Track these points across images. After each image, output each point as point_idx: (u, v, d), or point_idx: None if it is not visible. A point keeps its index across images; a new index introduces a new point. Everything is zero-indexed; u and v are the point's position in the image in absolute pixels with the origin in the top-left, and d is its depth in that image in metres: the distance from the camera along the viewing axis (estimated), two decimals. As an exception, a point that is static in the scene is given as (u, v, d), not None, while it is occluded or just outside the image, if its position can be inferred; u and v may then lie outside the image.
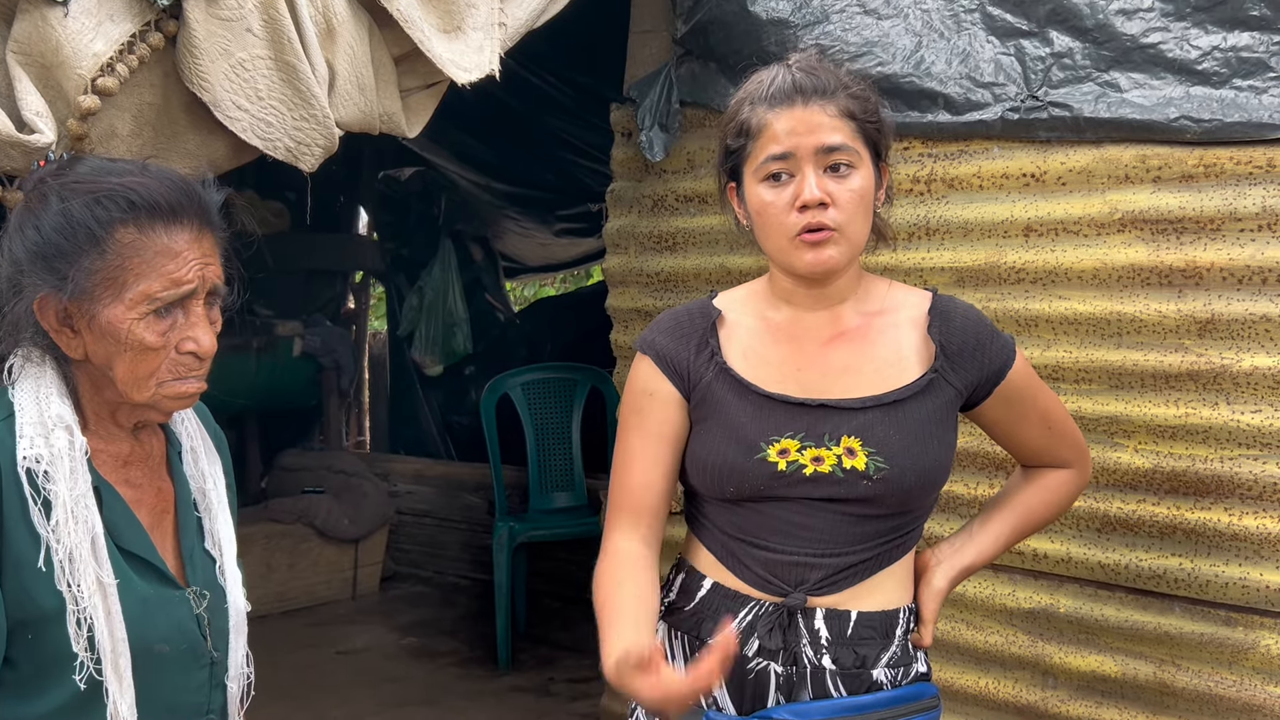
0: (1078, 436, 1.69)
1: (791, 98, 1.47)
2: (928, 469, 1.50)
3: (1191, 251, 2.10)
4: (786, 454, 1.49)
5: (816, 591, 1.50)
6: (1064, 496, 1.69)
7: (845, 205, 1.46)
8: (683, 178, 2.86)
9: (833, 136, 1.46)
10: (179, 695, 1.36)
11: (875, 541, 1.51)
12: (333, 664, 4.62)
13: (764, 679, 1.50)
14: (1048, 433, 1.64)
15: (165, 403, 1.32)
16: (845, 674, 1.49)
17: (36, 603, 1.24)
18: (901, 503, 1.50)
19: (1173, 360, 2.13)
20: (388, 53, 2.07)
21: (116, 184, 1.26)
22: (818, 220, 1.45)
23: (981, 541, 1.66)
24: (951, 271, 2.38)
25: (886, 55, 2.43)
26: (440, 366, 6.64)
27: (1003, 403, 1.58)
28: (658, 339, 1.60)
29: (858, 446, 1.48)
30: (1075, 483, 1.69)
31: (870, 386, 1.52)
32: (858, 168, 1.47)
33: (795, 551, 1.50)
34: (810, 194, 1.44)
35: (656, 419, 1.58)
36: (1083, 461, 1.69)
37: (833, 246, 1.46)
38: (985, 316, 1.60)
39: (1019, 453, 1.68)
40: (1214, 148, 2.08)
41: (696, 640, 1.54)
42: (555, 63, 4.50)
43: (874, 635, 1.51)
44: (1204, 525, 2.12)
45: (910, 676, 1.53)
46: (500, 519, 4.79)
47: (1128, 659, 2.21)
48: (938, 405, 1.52)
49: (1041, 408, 1.63)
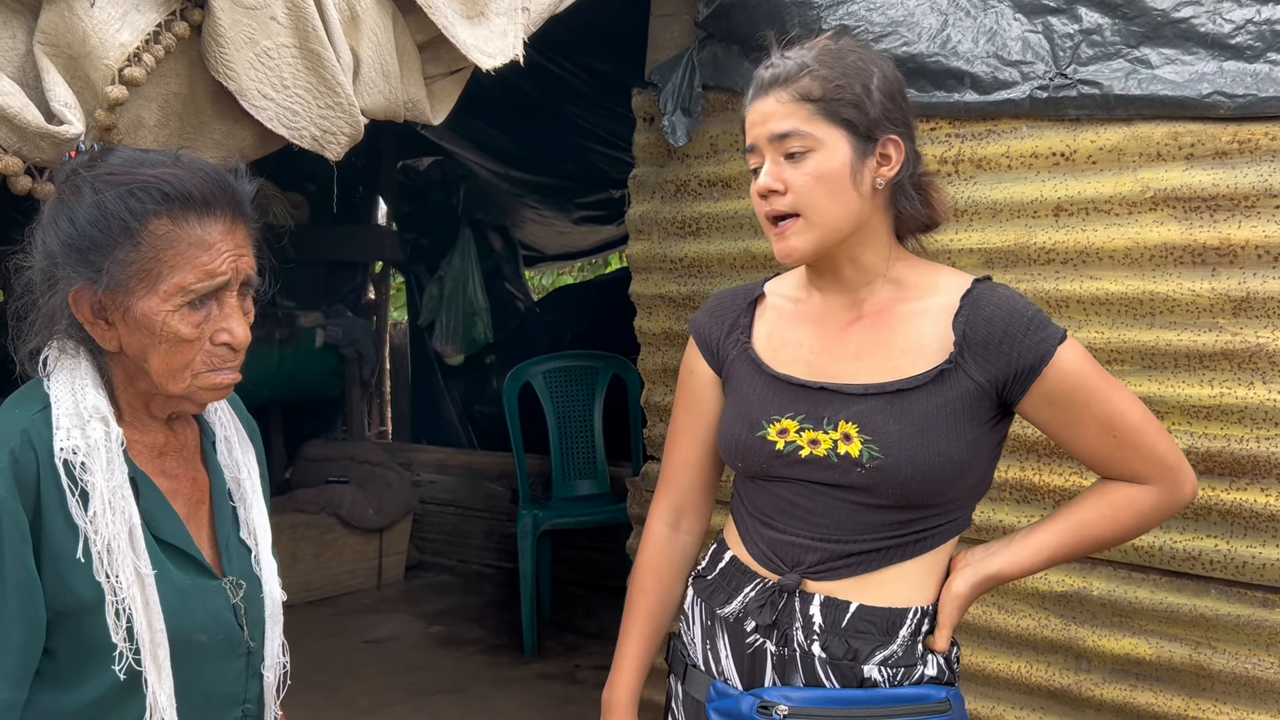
0: (1158, 449, 1.49)
1: (758, 90, 1.50)
2: (928, 463, 1.42)
3: (1226, 229, 2.08)
4: (785, 434, 1.50)
5: (814, 575, 1.48)
6: (1133, 517, 1.50)
7: (799, 189, 1.45)
8: (706, 162, 2.84)
9: (781, 124, 1.46)
10: (216, 685, 1.37)
11: (883, 534, 1.47)
12: (359, 653, 4.64)
13: (760, 656, 1.50)
14: (1111, 441, 1.47)
15: (200, 394, 1.32)
16: (835, 664, 1.46)
17: (75, 594, 1.24)
18: (900, 495, 1.44)
19: (1207, 340, 2.11)
20: (411, 39, 2.06)
21: (150, 175, 1.26)
22: (773, 209, 1.47)
23: (1019, 551, 1.53)
24: (981, 253, 2.35)
25: (912, 35, 2.41)
26: (461, 356, 6.65)
27: (1046, 403, 1.46)
28: (700, 318, 1.68)
29: (854, 433, 1.45)
30: (1152, 503, 1.50)
31: (880, 374, 1.48)
32: (816, 150, 1.44)
33: (794, 532, 1.50)
34: (761, 182, 1.48)
35: (697, 397, 1.67)
36: (1168, 480, 1.49)
37: (795, 236, 1.47)
38: (1029, 306, 1.47)
39: (1083, 462, 1.53)
40: (1248, 123, 2.05)
41: (709, 609, 1.57)
42: (574, 49, 4.48)
43: (872, 630, 1.46)
44: (1240, 506, 2.09)
45: (913, 679, 1.46)
46: (524, 507, 4.80)
47: (1163, 641, 2.19)
48: (951, 399, 1.44)
49: (1102, 412, 1.46)
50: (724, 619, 1.54)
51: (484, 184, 6.50)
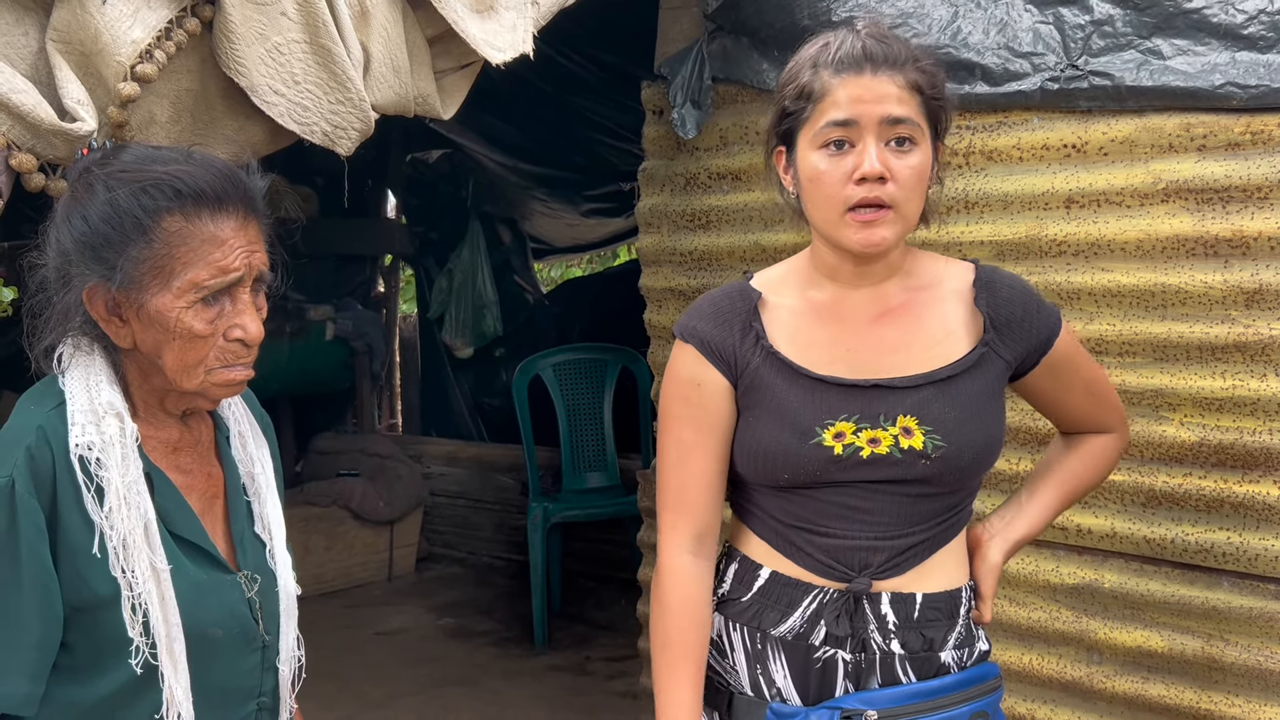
0: (1117, 401, 1.69)
1: (860, 64, 1.41)
2: (984, 444, 1.48)
3: (1238, 221, 2.07)
4: (842, 437, 1.45)
5: (881, 575, 1.47)
6: (1108, 461, 1.68)
7: (905, 182, 1.40)
8: (715, 155, 2.84)
9: (900, 109, 1.40)
10: (232, 679, 1.37)
11: (933, 521, 1.49)
12: (371, 645, 4.66)
13: (831, 667, 1.47)
14: (1091, 399, 1.63)
15: (214, 390, 1.32)
16: (914, 658, 1.47)
17: (91, 588, 1.25)
18: (959, 480, 1.48)
19: (1219, 332, 2.10)
20: (421, 34, 2.06)
21: (162, 172, 1.26)
22: (875, 195, 1.39)
23: (1031, 513, 1.65)
24: (992, 245, 2.35)
25: (922, 26, 2.40)
26: (470, 349, 6.66)
27: (1050, 373, 1.56)
28: (700, 326, 1.53)
29: (914, 425, 1.45)
30: (1117, 447, 1.68)
31: (921, 364, 1.48)
32: (919, 144, 1.42)
33: (857, 536, 1.47)
34: (871, 166, 1.38)
35: (707, 410, 1.52)
36: (1123, 425, 1.69)
37: (885, 227, 1.41)
38: (1030, 285, 1.57)
39: (1062, 421, 1.67)
40: (1261, 114, 2.04)
41: (758, 632, 1.51)
42: (583, 42, 4.47)
43: (940, 617, 1.49)
44: (1252, 498, 2.09)
45: (974, 656, 1.52)
46: (534, 499, 4.81)
47: (1174, 634, 2.19)
48: (989, 379, 1.50)
49: (1086, 375, 1.62)
50: (778, 638, 1.49)
51: (493, 177, 6.50)
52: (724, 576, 1.58)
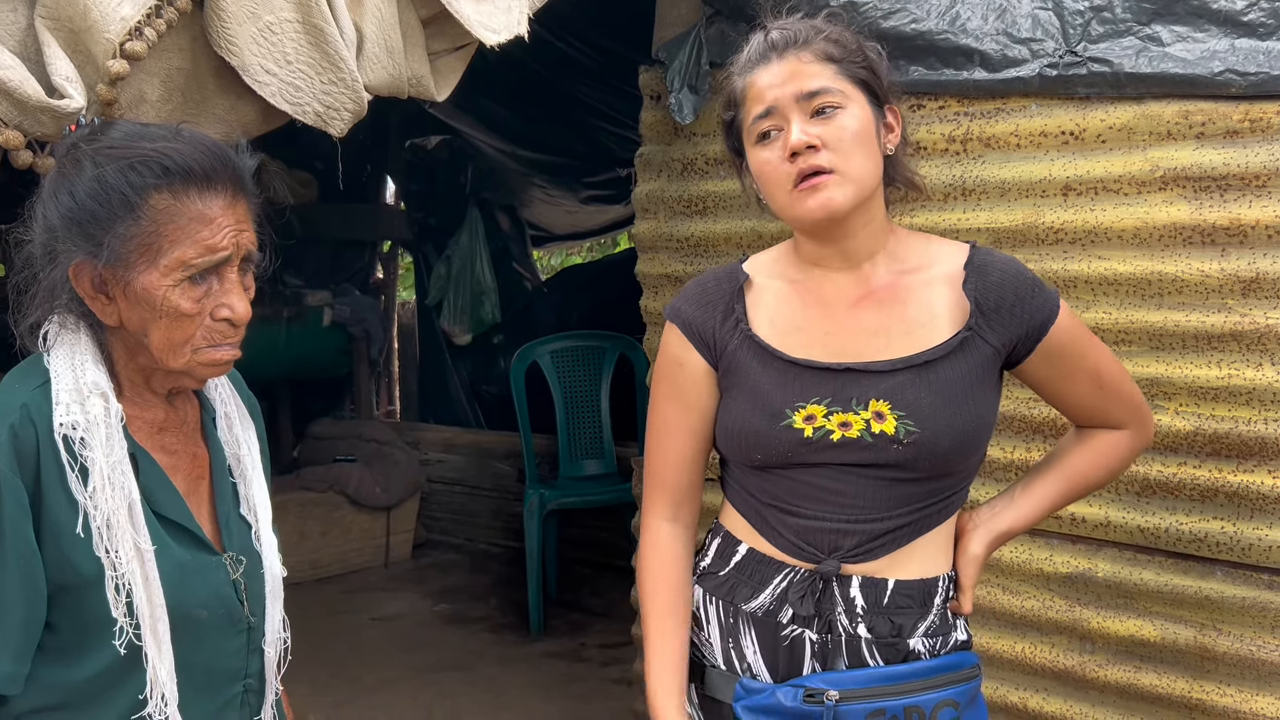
0: (1134, 396, 1.62)
1: (766, 55, 1.48)
2: (963, 430, 1.46)
3: (1236, 209, 2.06)
4: (813, 420, 1.46)
5: (851, 558, 1.47)
6: (1117, 459, 1.63)
7: (836, 144, 1.43)
8: (713, 140, 2.82)
9: (812, 82, 1.44)
10: (217, 660, 1.37)
11: (913, 506, 1.48)
12: (366, 630, 4.67)
13: (799, 646, 1.48)
14: (1099, 391, 1.58)
15: (200, 370, 1.32)
16: (881, 643, 1.47)
17: (76, 568, 1.25)
18: (937, 466, 1.47)
19: (1215, 320, 2.09)
20: (415, 15, 2.05)
21: (150, 149, 1.25)
22: (810, 164, 1.43)
23: (1022, 505, 1.62)
24: (989, 232, 2.34)
25: (921, 11, 2.38)
26: (469, 335, 6.66)
27: (1046, 360, 1.53)
28: (684, 307, 1.59)
29: (886, 410, 1.45)
30: (1130, 445, 1.63)
31: (901, 348, 1.48)
32: (846, 106, 1.45)
33: (828, 517, 1.48)
34: (796, 138, 1.43)
35: (688, 390, 1.58)
36: (1140, 422, 1.63)
37: (832, 187, 1.43)
38: (1026, 269, 1.54)
39: (1069, 412, 1.63)
40: (1260, 102, 2.02)
41: (731, 606, 1.53)
42: (580, 26, 4.46)
43: (911, 604, 1.49)
44: (1247, 488, 2.08)
45: (949, 645, 1.51)
46: (530, 486, 4.81)
47: (1167, 623, 2.19)
48: (973, 365, 1.48)
49: (1091, 365, 1.56)
50: (750, 614, 1.51)
51: (492, 163, 6.49)
52: (707, 551, 1.61)
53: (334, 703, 3.84)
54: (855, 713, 1.44)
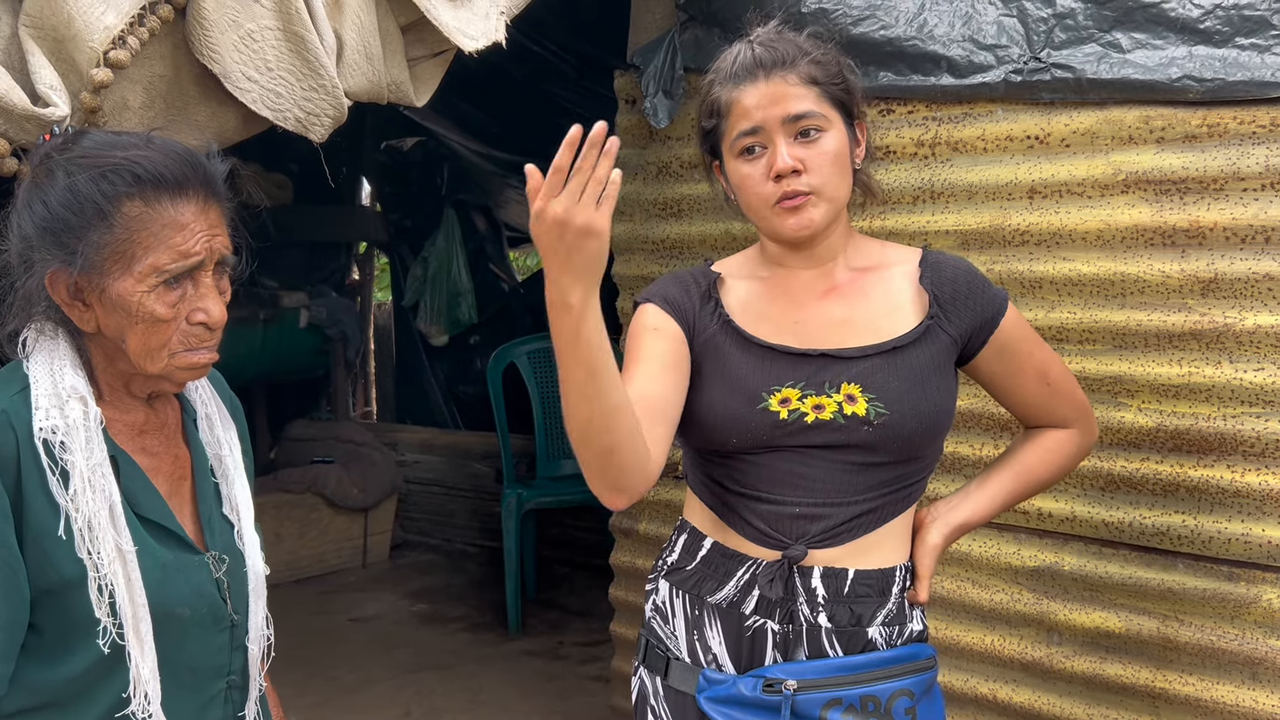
0: (1079, 396, 1.71)
1: (754, 72, 1.53)
2: (928, 414, 1.53)
3: (1195, 211, 2.11)
4: (788, 403, 1.52)
5: (817, 544, 1.52)
6: (1065, 457, 1.70)
7: (818, 168, 1.51)
8: (687, 144, 2.86)
9: (798, 105, 1.51)
10: (200, 658, 1.38)
11: (877, 492, 1.54)
12: (345, 630, 4.68)
13: (761, 637, 1.53)
14: (1046, 389, 1.66)
15: (178, 373, 1.33)
16: (841, 632, 1.52)
17: (58, 570, 1.26)
18: (903, 449, 1.53)
19: (1176, 320, 2.15)
20: (395, 21, 2.07)
21: (122, 158, 1.27)
22: (793, 188, 1.50)
23: (978, 499, 1.69)
24: (956, 234, 2.39)
25: (889, 18, 2.43)
26: (445, 336, 6.66)
27: (997, 355, 1.61)
28: (665, 288, 1.62)
29: (858, 393, 1.51)
30: (1076, 443, 1.71)
31: (868, 336, 1.56)
32: (827, 130, 1.52)
33: (796, 502, 1.52)
34: (782, 163, 1.50)
35: (659, 348, 1.54)
36: (1085, 422, 1.71)
37: (812, 209, 1.51)
38: (976, 269, 1.63)
39: (1018, 410, 1.70)
40: (1217, 107, 2.08)
41: (697, 599, 1.58)
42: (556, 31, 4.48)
43: (870, 593, 1.54)
44: (1207, 483, 2.14)
45: (905, 636, 1.56)
46: (508, 486, 4.83)
47: (1131, 615, 2.24)
48: (935, 352, 1.56)
49: (1038, 361, 1.65)
50: (714, 605, 1.56)
51: (467, 164, 6.50)
52: (674, 546, 1.66)
53: (313, 703, 3.85)
54: (813, 702, 1.49)
